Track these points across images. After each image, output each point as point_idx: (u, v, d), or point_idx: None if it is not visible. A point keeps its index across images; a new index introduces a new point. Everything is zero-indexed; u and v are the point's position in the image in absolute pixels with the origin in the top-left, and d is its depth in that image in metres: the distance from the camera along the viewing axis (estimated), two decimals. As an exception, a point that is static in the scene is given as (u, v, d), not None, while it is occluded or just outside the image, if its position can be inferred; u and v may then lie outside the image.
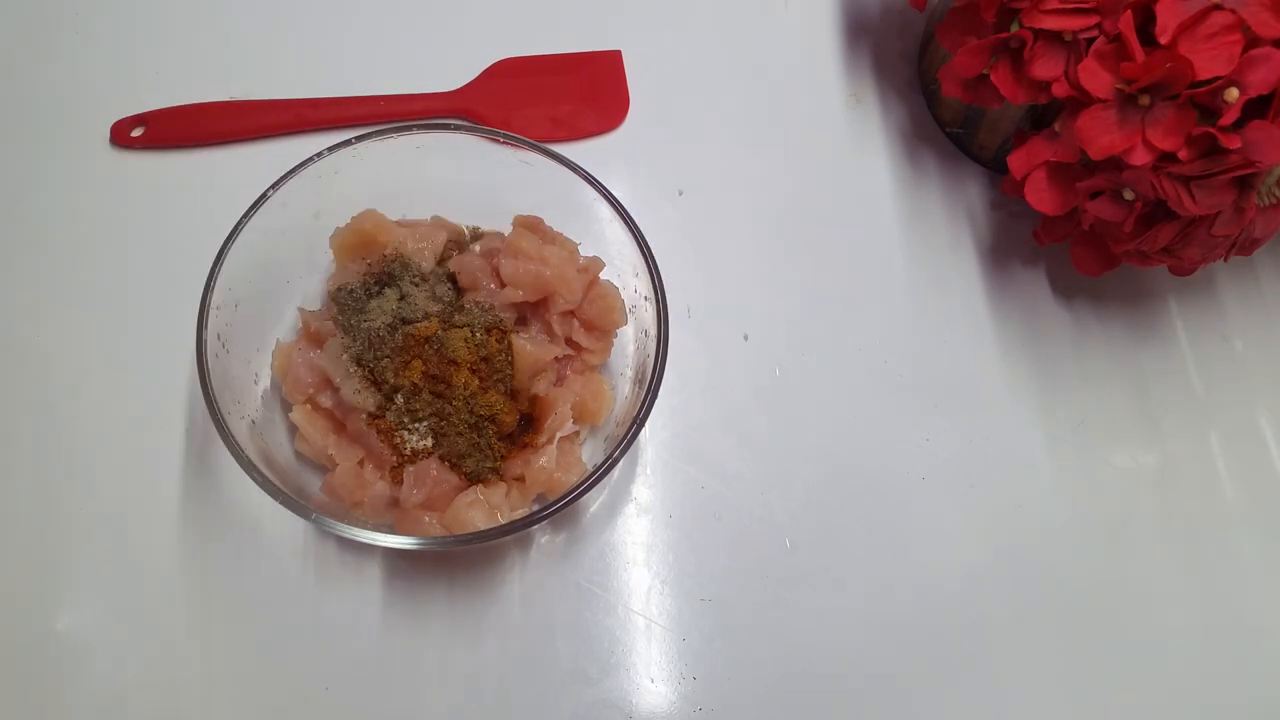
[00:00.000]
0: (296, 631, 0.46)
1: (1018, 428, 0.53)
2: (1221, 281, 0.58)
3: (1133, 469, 0.53)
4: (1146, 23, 0.43)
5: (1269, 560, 0.51)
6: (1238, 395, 0.55)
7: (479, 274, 0.48)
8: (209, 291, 0.43)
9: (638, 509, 0.50)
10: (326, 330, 0.47)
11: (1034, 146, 0.49)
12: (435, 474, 0.44)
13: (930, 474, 0.52)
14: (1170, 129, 0.43)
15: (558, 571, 0.48)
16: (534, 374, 0.46)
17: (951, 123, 0.59)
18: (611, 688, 0.47)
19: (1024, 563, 0.50)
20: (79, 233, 0.54)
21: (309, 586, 0.47)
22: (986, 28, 0.48)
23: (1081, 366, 0.55)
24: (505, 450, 0.46)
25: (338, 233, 0.48)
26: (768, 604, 0.49)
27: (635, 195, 0.55)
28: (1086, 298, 0.56)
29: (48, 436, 0.49)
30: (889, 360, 0.54)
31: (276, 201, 0.46)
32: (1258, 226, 0.47)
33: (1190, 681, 0.49)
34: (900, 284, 0.56)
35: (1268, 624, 0.50)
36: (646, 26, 0.62)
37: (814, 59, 0.62)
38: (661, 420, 0.52)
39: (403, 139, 0.47)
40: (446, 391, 0.45)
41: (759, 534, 0.50)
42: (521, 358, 0.46)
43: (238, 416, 0.43)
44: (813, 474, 0.51)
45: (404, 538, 0.41)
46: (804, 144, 0.59)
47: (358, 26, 0.61)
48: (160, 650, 0.46)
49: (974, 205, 0.58)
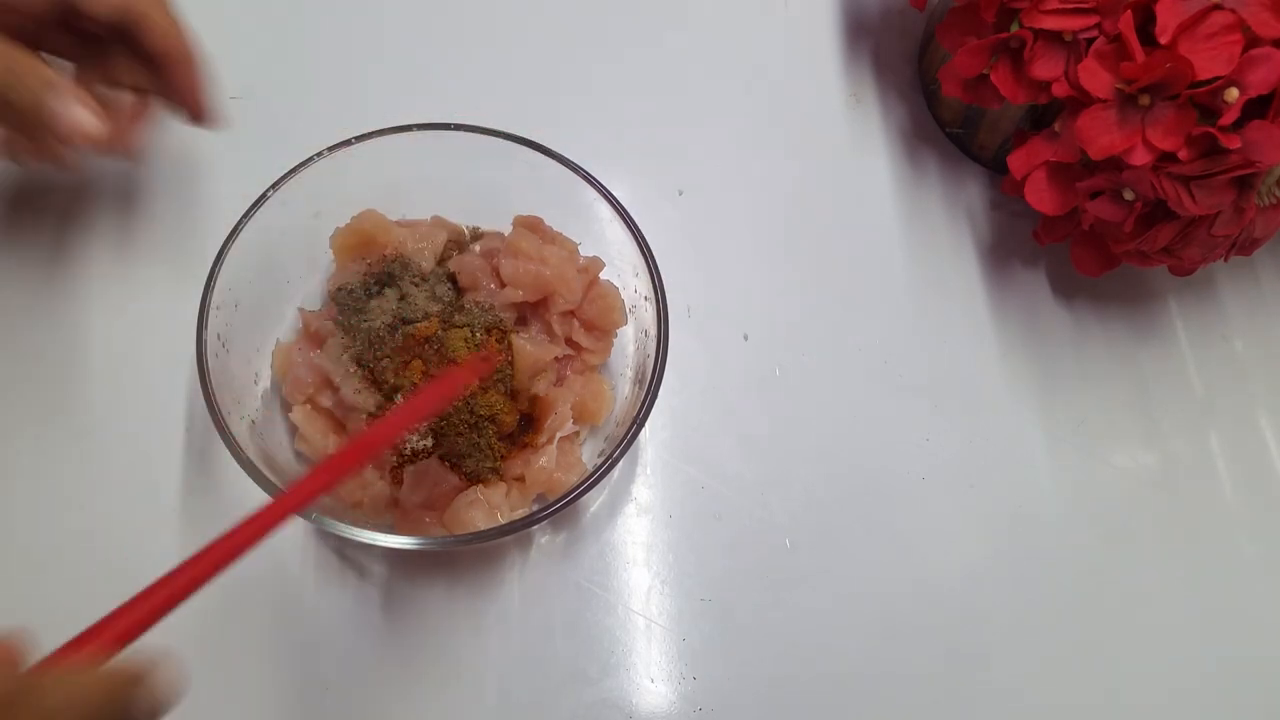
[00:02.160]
0: (296, 631, 0.46)
1: (1018, 428, 0.53)
2: (1221, 281, 0.58)
3: (1133, 469, 0.53)
4: (1146, 23, 0.43)
5: (1269, 560, 0.51)
6: (1238, 395, 0.55)
7: (479, 274, 0.48)
8: (209, 291, 0.43)
9: (638, 509, 0.50)
10: (326, 330, 0.47)
11: (1034, 146, 0.49)
12: (435, 474, 0.44)
13: (930, 474, 0.52)
14: (1170, 129, 0.43)
15: (558, 571, 0.48)
16: (534, 374, 0.46)
17: (951, 123, 0.59)
18: (611, 688, 0.47)
19: (1024, 563, 0.50)
20: (78, 233, 0.54)
21: (309, 586, 0.47)
22: (986, 28, 0.48)
23: (1081, 366, 0.55)
24: (505, 450, 0.46)
25: (338, 233, 0.48)
26: (768, 604, 0.49)
27: (635, 195, 0.55)
28: (1086, 298, 0.56)
29: (48, 436, 0.49)
30: (889, 360, 0.54)
31: (276, 201, 0.46)
32: (1258, 226, 0.47)
33: (1190, 681, 0.49)
34: (900, 284, 0.56)
35: (1268, 624, 0.50)
36: (646, 26, 0.62)
37: (814, 59, 0.62)
38: (661, 420, 0.52)
39: (403, 139, 0.47)
40: None
41: (759, 534, 0.50)
42: (521, 358, 0.46)
43: (238, 416, 0.43)
44: (813, 474, 0.51)
45: (404, 538, 0.41)
46: (804, 144, 0.59)
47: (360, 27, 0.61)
48: (159, 650, 0.46)
49: (974, 205, 0.58)
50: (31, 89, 0.40)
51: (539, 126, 0.49)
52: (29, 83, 0.40)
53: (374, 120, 0.47)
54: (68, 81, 0.41)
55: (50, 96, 0.40)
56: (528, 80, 0.59)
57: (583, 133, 0.56)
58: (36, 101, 0.40)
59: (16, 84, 0.39)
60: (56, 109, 0.40)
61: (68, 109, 0.40)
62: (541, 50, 0.60)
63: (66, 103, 0.40)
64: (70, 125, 0.40)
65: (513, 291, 0.47)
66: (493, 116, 0.48)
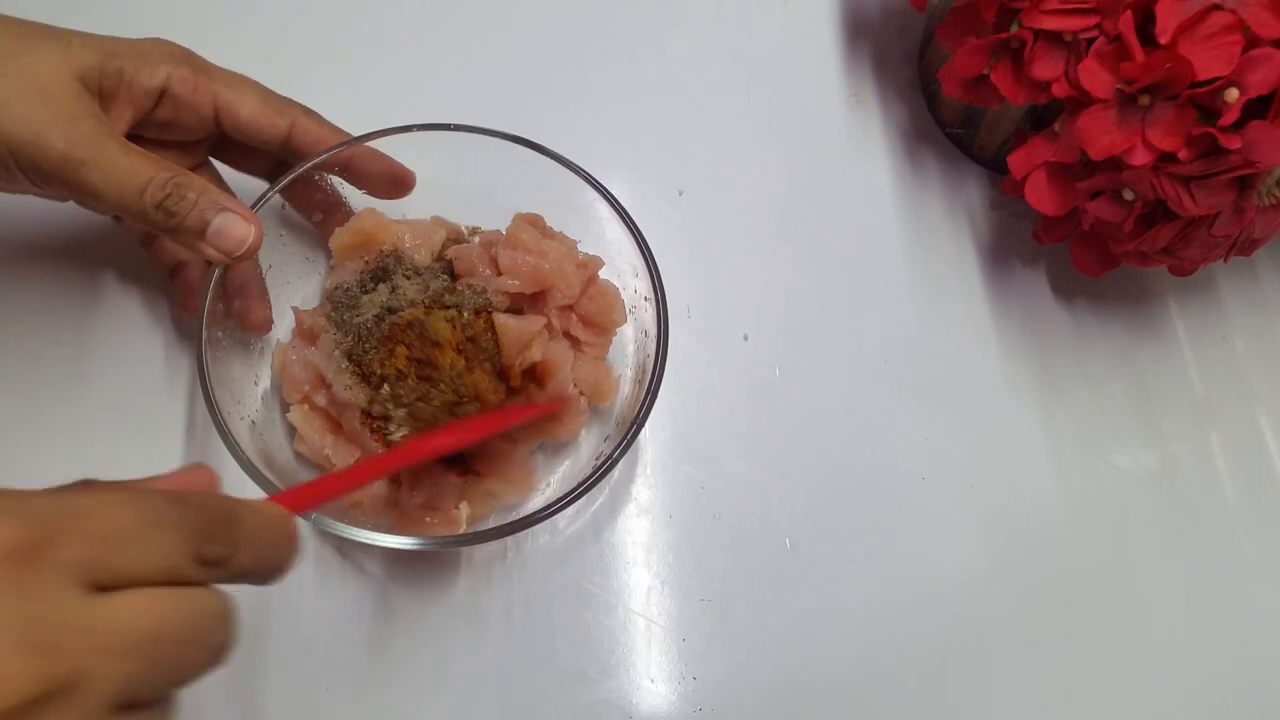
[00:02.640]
0: (296, 631, 0.46)
1: (1018, 428, 0.53)
2: (1221, 281, 0.58)
3: (1133, 469, 0.53)
4: (1146, 23, 0.43)
5: (1269, 560, 0.51)
6: (1238, 395, 0.55)
7: (476, 261, 0.47)
8: (209, 291, 0.43)
9: (638, 509, 0.50)
10: (320, 327, 0.46)
11: (1034, 146, 0.49)
12: (435, 474, 0.44)
13: (930, 474, 0.52)
14: (1170, 129, 0.43)
15: (558, 571, 0.48)
16: (520, 349, 0.46)
17: (951, 123, 0.59)
18: (611, 688, 0.46)
19: (1024, 563, 0.50)
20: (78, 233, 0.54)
21: (308, 586, 0.47)
22: (986, 28, 0.48)
23: (1081, 366, 0.55)
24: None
25: (338, 233, 0.48)
26: (768, 604, 0.49)
27: (635, 195, 0.55)
28: (1086, 298, 0.56)
29: (47, 437, 0.49)
30: (889, 360, 0.54)
31: (276, 201, 0.46)
32: (1258, 226, 0.47)
33: (1190, 681, 0.49)
34: (900, 284, 0.56)
35: (1268, 623, 0.50)
36: (647, 26, 0.62)
37: (814, 59, 0.62)
38: (661, 420, 0.52)
39: (403, 139, 0.47)
40: (434, 374, 0.45)
41: (759, 534, 0.50)
42: (505, 333, 0.45)
43: (238, 417, 0.43)
44: (813, 474, 0.51)
45: (404, 538, 0.41)
46: (804, 144, 0.59)
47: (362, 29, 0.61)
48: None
49: (974, 205, 0.58)
50: (197, 206, 0.41)
51: (539, 126, 0.49)
52: (192, 198, 0.41)
53: (374, 120, 0.47)
54: (234, 200, 0.42)
55: (214, 213, 0.41)
56: (528, 80, 0.59)
57: (583, 133, 0.56)
58: (202, 217, 0.41)
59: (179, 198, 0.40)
60: (220, 225, 0.41)
61: (229, 224, 0.41)
62: (541, 50, 0.60)
63: (228, 219, 0.41)
64: (235, 241, 0.41)
65: (509, 280, 0.46)
66: (493, 116, 0.48)
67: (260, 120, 0.45)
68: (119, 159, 0.39)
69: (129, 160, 0.39)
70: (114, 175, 0.39)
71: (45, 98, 0.39)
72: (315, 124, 0.46)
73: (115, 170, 0.39)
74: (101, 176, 0.39)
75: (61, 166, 0.39)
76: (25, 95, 0.39)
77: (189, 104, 0.43)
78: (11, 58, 0.39)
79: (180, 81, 0.43)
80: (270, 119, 0.45)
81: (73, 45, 0.41)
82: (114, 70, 0.41)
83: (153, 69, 0.42)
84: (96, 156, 0.39)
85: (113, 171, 0.39)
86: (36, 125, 0.39)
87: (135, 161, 0.40)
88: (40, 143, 0.39)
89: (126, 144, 0.40)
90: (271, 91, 0.46)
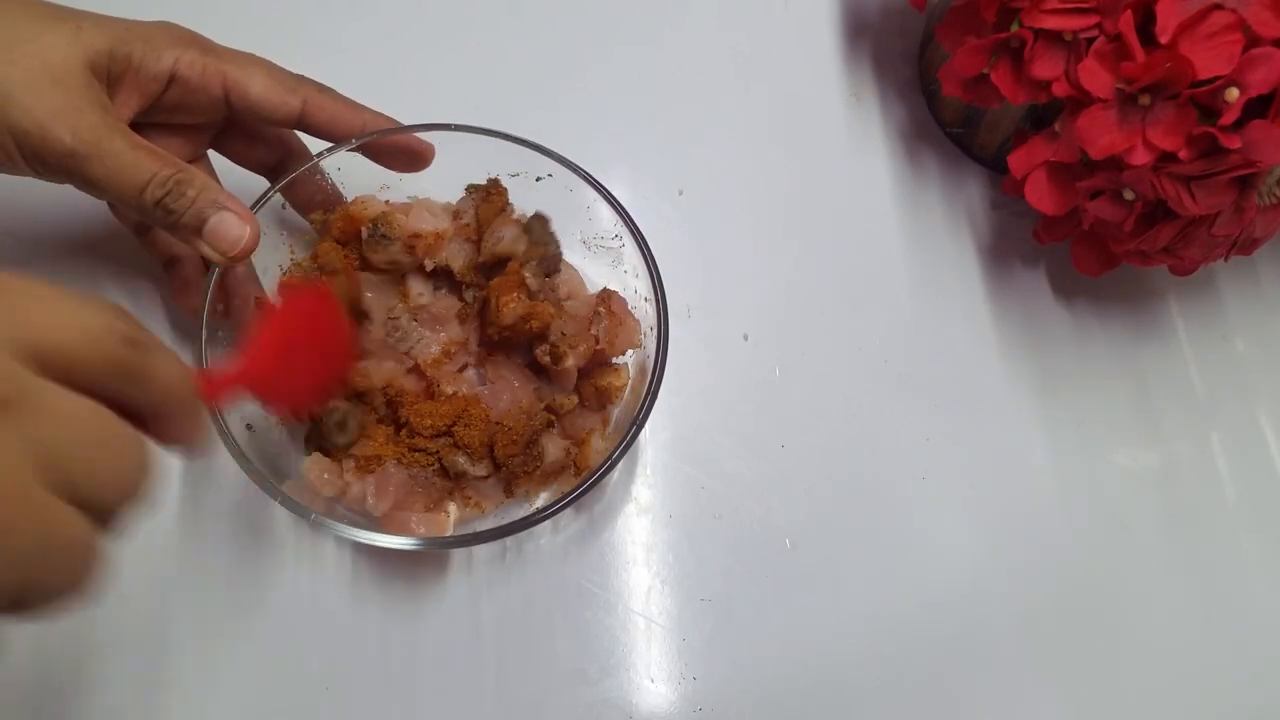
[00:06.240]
0: (295, 631, 0.46)
1: (1018, 427, 0.53)
2: (1222, 281, 0.58)
3: (1133, 469, 0.53)
4: (1146, 22, 0.43)
5: (1269, 560, 0.51)
6: (1238, 395, 0.55)
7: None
8: (209, 291, 0.43)
9: (638, 509, 0.50)
10: None
11: (1034, 146, 0.49)
12: (397, 480, 0.44)
13: (930, 474, 0.52)
14: (1170, 129, 0.43)
15: (558, 571, 0.48)
16: (352, 298, 0.46)
17: (951, 123, 0.59)
18: (611, 688, 0.47)
19: (1024, 562, 0.50)
20: (77, 232, 0.54)
21: (308, 586, 0.47)
22: (986, 27, 0.48)
23: (1081, 366, 0.55)
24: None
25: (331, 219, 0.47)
26: (768, 604, 0.49)
27: (635, 195, 0.55)
28: (1086, 298, 0.56)
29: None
30: (889, 360, 0.54)
31: (276, 201, 0.46)
32: (1258, 226, 0.47)
33: (1191, 681, 0.49)
34: (900, 284, 0.56)
35: (1268, 623, 0.50)
36: (647, 26, 0.62)
37: (814, 59, 0.62)
38: (661, 420, 0.52)
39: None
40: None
41: (759, 534, 0.50)
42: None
43: (237, 417, 0.43)
44: (813, 474, 0.51)
45: (403, 538, 0.41)
46: (804, 144, 0.59)
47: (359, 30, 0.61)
48: (159, 650, 0.46)
49: (974, 205, 0.58)
50: (197, 204, 0.41)
51: (539, 126, 0.49)
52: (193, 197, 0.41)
53: (374, 120, 0.47)
54: (233, 199, 0.42)
55: (212, 211, 0.41)
56: (528, 80, 0.59)
57: (583, 133, 0.56)
58: (200, 215, 0.41)
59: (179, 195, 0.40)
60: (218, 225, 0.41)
61: (225, 223, 0.41)
62: (541, 50, 0.60)
63: (225, 218, 0.41)
64: (230, 241, 0.41)
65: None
66: (492, 116, 0.48)
67: (272, 98, 0.44)
68: (124, 154, 0.39)
69: (133, 155, 0.39)
70: (117, 170, 0.39)
71: (55, 85, 0.39)
72: (330, 100, 0.45)
73: (119, 165, 0.39)
74: (105, 171, 0.39)
75: (66, 159, 0.39)
76: (35, 83, 0.38)
77: (198, 86, 0.43)
78: (22, 43, 0.39)
79: (188, 65, 0.42)
80: (282, 96, 0.44)
81: (83, 29, 0.40)
82: (123, 55, 0.41)
83: (160, 53, 0.42)
84: (102, 150, 0.39)
85: (116, 166, 0.39)
86: (43, 116, 0.38)
87: (139, 157, 0.39)
88: (46, 134, 0.38)
89: (132, 137, 0.40)
90: (281, 69, 0.45)
